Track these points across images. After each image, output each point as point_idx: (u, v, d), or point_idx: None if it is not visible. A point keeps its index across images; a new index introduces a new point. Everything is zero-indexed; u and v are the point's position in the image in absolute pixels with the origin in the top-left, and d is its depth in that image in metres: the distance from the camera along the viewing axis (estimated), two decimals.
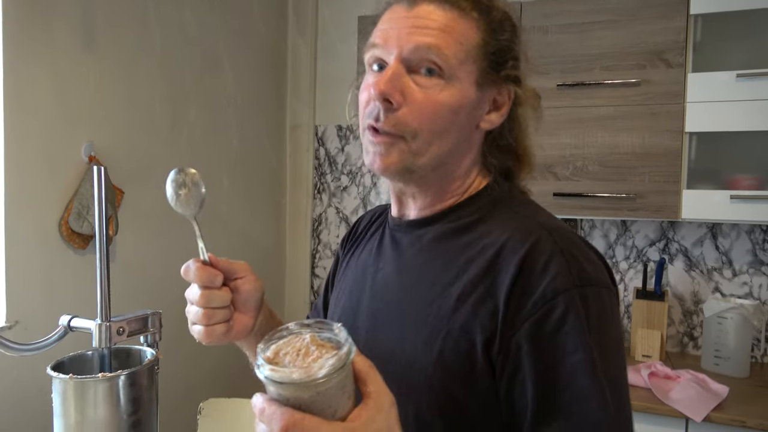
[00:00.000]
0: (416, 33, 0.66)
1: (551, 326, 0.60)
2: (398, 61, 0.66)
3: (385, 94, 0.65)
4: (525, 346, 0.61)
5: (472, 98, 0.68)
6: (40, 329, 1.40)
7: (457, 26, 0.67)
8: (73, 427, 0.76)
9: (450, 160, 0.70)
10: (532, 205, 0.73)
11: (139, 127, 1.82)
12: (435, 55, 0.65)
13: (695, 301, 2.09)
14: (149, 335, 0.89)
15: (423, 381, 0.65)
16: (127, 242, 1.78)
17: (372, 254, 0.80)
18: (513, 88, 0.71)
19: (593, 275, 0.64)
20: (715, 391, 1.68)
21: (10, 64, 1.42)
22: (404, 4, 0.68)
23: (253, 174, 2.38)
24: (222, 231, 2.19)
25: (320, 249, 2.62)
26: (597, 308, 0.62)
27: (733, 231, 2.03)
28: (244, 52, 2.28)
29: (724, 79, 1.74)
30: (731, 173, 1.84)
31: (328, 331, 0.53)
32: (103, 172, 0.81)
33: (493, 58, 0.69)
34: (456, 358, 0.64)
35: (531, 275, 0.62)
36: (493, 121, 0.71)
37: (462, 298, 0.65)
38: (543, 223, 0.66)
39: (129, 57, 1.77)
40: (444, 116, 0.67)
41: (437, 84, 0.66)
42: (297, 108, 2.56)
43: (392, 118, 0.66)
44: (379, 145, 0.68)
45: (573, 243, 0.65)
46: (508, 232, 0.66)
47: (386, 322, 0.72)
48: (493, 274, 0.64)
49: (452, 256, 0.69)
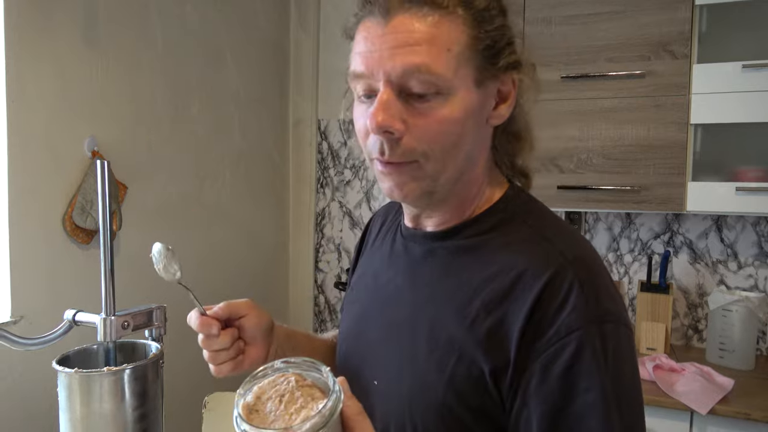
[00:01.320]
0: (400, 53, 0.59)
1: (563, 364, 0.58)
2: (388, 87, 0.60)
3: (384, 126, 0.60)
4: (534, 382, 0.59)
5: (475, 101, 0.63)
6: (45, 324, 1.40)
7: (442, 31, 0.60)
8: (78, 420, 0.77)
9: (467, 169, 0.66)
10: (553, 223, 0.68)
11: (142, 122, 1.82)
12: (426, 74, 0.59)
13: (700, 293, 2.09)
14: (154, 329, 0.89)
15: (433, 403, 0.64)
16: (130, 237, 1.78)
17: (384, 262, 0.77)
18: (516, 74, 0.66)
19: (613, 310, 0.60)
20: (720, 384, 1.68)
21: (13, 60, 1.42)
22: (377, 18, 0.61)
23: (256, 169, 2.37)
24: (225, 226, 2.19)
25: (324, 243, 2.61)
26: (614, 346, 0.59)
27: (738, 223, 2.02)
28: (246, 46, 2.27)
29: (730, 70, 1.73)
30: (737, 165, 1.83)
31: (316, 371, 0.50)
32: (107, 166, 0.81)
33: (488, 52, 0.63)
34: (467, 384, 0.62)
35: (548, 309, 0.59)
36: (503, 114, 0.67)
37: (477, 323, 0.62)
38: (564, 251, 0.62)
39: (131, 52, 1.76)
40: (452, 131, 0.62)
41: (436, 102, 0.61)
42: (299, 102, 2.56)
43: (398, 148, 0.62)
44: (392, 174, 0.64)
45: (594, 273, 0.62)
46: (526, 258, 0.63)
47: (398, 337, 0.70)
48: (509, 302, 0.61)
49: (468, 275, 0.66)
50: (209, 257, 2.10)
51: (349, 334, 0.79)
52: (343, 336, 0.81)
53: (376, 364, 0.71)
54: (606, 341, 0.58)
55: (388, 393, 0.69)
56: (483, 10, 0.62)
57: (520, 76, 0.66)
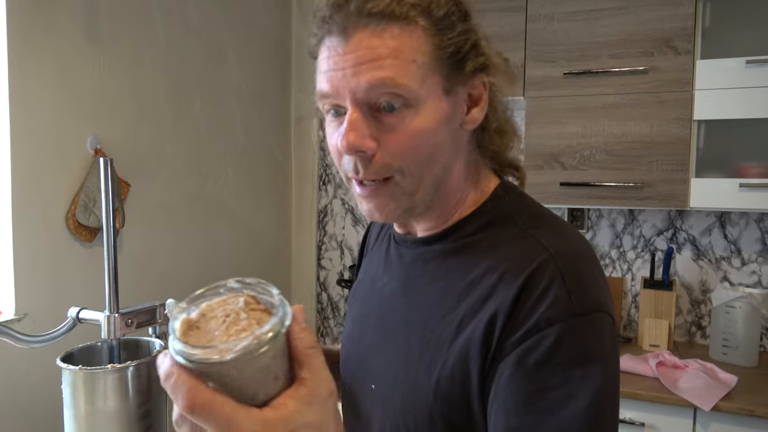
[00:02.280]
0: (363, 70, 0.58)
1: (539, 356, 0.56)
2: (355, 105, 0.59)
3: (355, 147, 0.59)
4: (507, 374, 0.58)
5: (446, 108, 0.62)
6: (49, 322, 1.41)
7: (404, 43, 0.59)
8: (82, 417, 0.77)
9: (445, 177, 0.65)
10: (542, 219, 0.67)
11: (144, 120, 1.82)
12: (392, 88, 0.58)
13: (703, 290, 2.08)
14: (157, 326, 0.89)
15: (423, 408, 0.63)
16: (133, 235, 1.78)
17: (381, 266, 0.77)
18: (484, 77, 0.65)
19: (596, 300, 0.60)
20: (723, 381, 1.67)
21: (16, 58, 1.42)
22: (337, 38, 0.60)
23: (259, 166, 2.37)
24: (227, 223, 2.20)
25: (326, 240, 2.61)
26: (600, 337, 0.58)
27: (742, 219, 2.02)
28: (248, 43, 2.27)
29: (733, 65, 1.72)
30: (740, 161, 1.82)
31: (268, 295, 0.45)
32: (110, 164, 0.81)
33: (453, 59, 0.62)
34: (452, 387, 0.62)
35: (527, 303, 0.58)
36: (476, 117, 0.66)
37: (462, 325, 0.62)
38: (548, 245, 0.61)
39: (133, 50, 1.76)
40: (425, 143, 0.61)
41: (405, 115, 0.60)
42: (302, 99, 2.55)
43: (372, 166, 0.61)
44: (370, 197, 0.63)
45: (579, 265, 0.61)
46: (510, 256, 0.62)
47: (392, 342, 0.70)
48: (492, 301, 0.61)
49: (455, 279, 0.65)
50: (211, 254, 2.10)
51: (349, 338, 0.79)
52: (344, 340, 0.82)
53: (373, 368, 0.72)
54: (594, 332, 0.58)
55: (384, 397, 0.69)
56: (443, 18, 0.61)
57: (489, 79, 0.65)
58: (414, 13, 0.59)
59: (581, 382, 0.56)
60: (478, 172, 0.70)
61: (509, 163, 0.73)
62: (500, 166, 0.73)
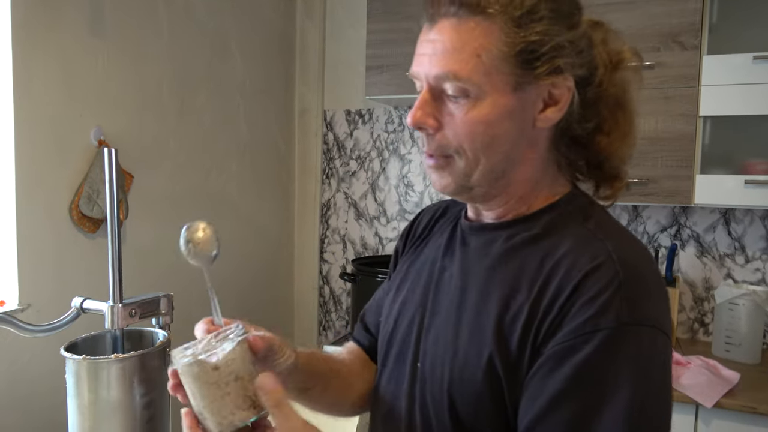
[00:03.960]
0: (434, 59, 0.64)
1: (578, 360, 0.57)
2: (427, 88, 0.66)
3: (417, 123, 0.66)
4: (544, 367, 0.59)
5: (512, 104, 0.64)
6: (52, 312, 1.41)
7: (474, 38, 0.62)
8: (86, 407, 0.77)
9: (508, 167, 0.68)
10: (610, 225, 0.68)
11: (148, 112, 1.82)
12: (453, 81, 0.63)
13: (706, 287, 2.08)
14: (161, 317, 0.90)
15: (470, 390, 0.65)
16: (137, 226, 1.79)
17: (440, 250, 0.78)
18: (569, 78, 0.65)
19: (650, 315, 0.59)
20: (725, 378, 1.67)
21: (20, 51, 1.42)
22: (427, 23, 0.66)
23: (262, 159, 2.37)
24: (230, 216, 2.20)
25: (329, 234, 2.62)
26: (647, 352, 0.58)
27: (746, 216, 2.01)
28: (252, 36, 2.26)
29: (740, 61, 1.71)
30: (746, 158, 1.81)
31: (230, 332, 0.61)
32: (114, 154, 0.81)
33: (524, 57, 0.63)
34: (504, 372, 0.63)
35: (578, 300, 0.59)
36: (551, 117, 0.66)
37: (519, 316, 0.63)
38: (613, 250, 0.62)
39: (137, 42, 1.76)
40: (481, 131, 0.64)
41: (465, 104, 0.64)
42: (305, 93, 2.55)
43: (433, 142, 0.67)
44: (432, 169, 0.69)
45: (639, 276, 0.61)
46: (573, 253, 0.63)
47: (443, 322, 0.71)
48: (547, 295, 0.62)
49: (517, 269, 0.67)
50: None
51: (397, 318, 0.79)
52: (390, 318, 0.80)
53: (424, 347, 0.73)
54: (639, 347, 0.57)
55: (432, 376, 0.70)
56: (522, 16, 0.62)
57: (568, 83, 0.65)
58: (493, 10, 0.62)
59: (625, 395, 0.56)
60: (556, 174, 0.72)
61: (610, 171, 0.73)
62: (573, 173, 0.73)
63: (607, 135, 0.70)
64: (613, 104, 0.70)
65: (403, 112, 2.42)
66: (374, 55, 2.07)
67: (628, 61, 0.70)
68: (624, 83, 0.70)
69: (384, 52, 2.05)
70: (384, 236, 2.51)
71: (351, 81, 2.47)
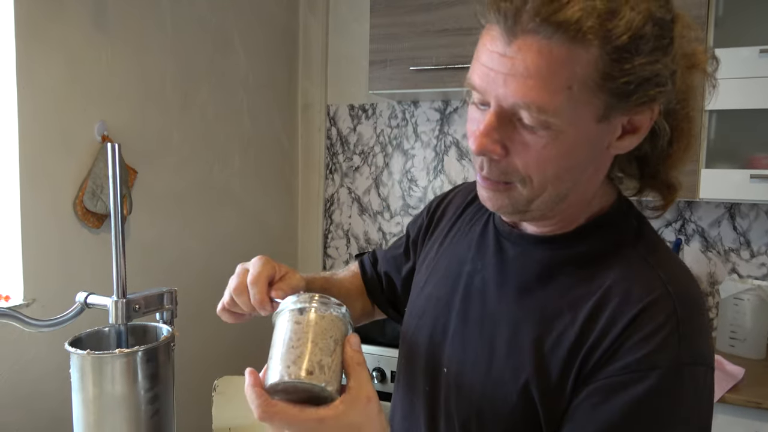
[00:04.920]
0: (513, 83, 0.54)
1: (630, 397, 0.55)
2: (496, 110, 0.57)
3: (483, 151, 0.58)
4: (593, 400, 0.57)
5: (593, 134, 0.58)
6: (57, 307, 1.41)
7: (567, 66, 0.53)
8: (91, 401, 0.77)
9: (571, 192, 0.62)
10: (658, 247, 0.65)
11: (151, 107, 1.82)
12: (535, 113, 0.54)
13: (711, 282, 2.07)
14: (165, 312, 0.90)
15: (504, 406, 0.63)
16: (141, 222, 1.79)
17: (471, 250, 0.75)
18: (656, 108, 0.58)
19: (705, 352, 0.58)
20: (730, 373, 1.67)
21: (23, 44, 1.42)
22: (503, 35, 0.55)
23: (265, 154, 2.37)
24: (234, 211, 2.20)
25: (332, 229, 2.62)
26: (697, 392, 0.57)
27: (752, 211, 2.00)
28: (255, 30, 2.26)
29: (747, 55, 1.69)
30: (751, 152, 1.80)
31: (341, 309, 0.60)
32: (117, 149, 0.81)
33: (623, 89, 0.55)
34: (541, 397, 0.61)
35: (635, 335, 0.56)
36: (627, 146, 0.60)
37: (563, 338, 0.61)
38: (667, 281, 0.59)
39: (141, 37, 1.76)
40: (555, 164, 0.58)
41: (544, 137, 0.56)
42: (308, 87, 2.54)
43: (496, 168, 0.60)
44: (487, 189, 0.63)
45: (694, 312, 0.59)
46: (625, 280, 0.60)
47: (478, 331, 0.68)
48: (602, 321, 0.59)
49: (562, 289, 0.63)
50: (218, 242, 2.10)
51: (423, 314, 0.77)
52: (414, 313, 0.79)
53: (450, 352, 0.71)
54: (695, 386, 0.56)
55: (459, 383, 0.68)
56: (624, 46, 0.53)
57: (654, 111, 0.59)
58: (591, 36, 0.52)
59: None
60: (605, 184, 0.67)
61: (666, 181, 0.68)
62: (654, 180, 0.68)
63: (671, 145, 0.64)
64: (681, 114, 0.63)
65: (406, 107, 2.41)
66: (377, 50, 2.06)
67: (701, 66, 0.62)
68: (691, 88, 0.62)
69: (387, 46, 2.04)
70: (387, 231, 2.50)
71: (354, 76, 2.46)
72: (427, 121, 2.39)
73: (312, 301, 0.58)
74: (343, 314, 0.59)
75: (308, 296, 0.59)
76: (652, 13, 0.53)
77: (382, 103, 2.45)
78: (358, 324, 0.89)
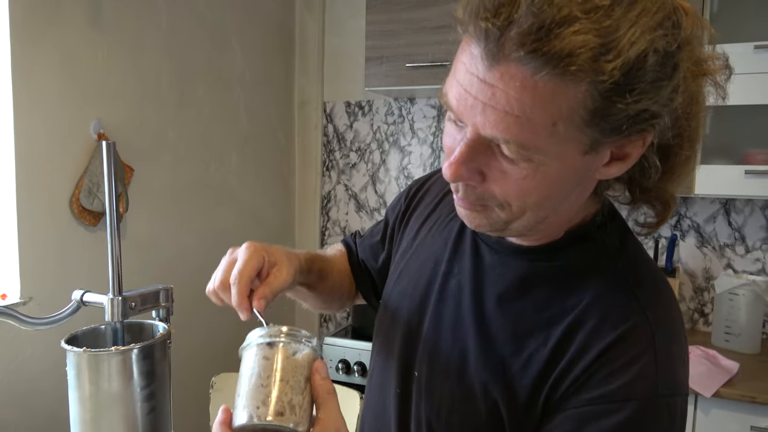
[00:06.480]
0: (493, 115, 0.49)
1: (605, 427, 0.54)
2: (473, 139, 0.52)
3: (458, 180, 0.55)
4: (565, 426, 0.56)
5: (579, 166, 0.53)
6: (54, 305, 1.41)
7: (549, 103, 0.47)
8: (87, 399, 0.78)
9: (551, 214, 0.59)
10: (640, 265, 0.62)
11: (148, 105, 1.81)
12: (514, 147, 0.50)
13: (706, 277, 2.08)
14: (161, 310, 0.90)
15: (473, 420, 0.63)
16: (137, 220, 1.79)
17: (447, 249, 0.72)
18: (648, 138, 0.53)
19: (681, 381, 0.57)
20: (725, 367, 1.68)
21: (19, 42, 1.42)
22: (483, 58, 0.49)
23: (262, 151, 2.37)
24: (231, 208, 2.20)
25: (329, 226, 2.62)
26: (674, 424, 0.56)
27: (746, 207, 2.01)
28: (251, 28, 2.25)
29: (741, 50, 1.70)
30: (746, 148, 1.81)
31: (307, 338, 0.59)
32: (113, 147, 0.81)
33: (613, 125, 0.50)
34: (509, 417, 0.60)
35: (610, 364, 0.55)
36: (613, 173, 0.56)
37: (535, 357, 0.59)
38: (646, 307, 0.57)
39: (136, 34, 1.75)
40: (535, 193, 0.54)
41: (525, 169, 0.52)
42: (305, 85, 2.54)
43: (472, 194, 0.56)
44: (464, 209, 0.60)
45: (674, 340, 0.58)
46: (603, 301, 0.58)
47: (449, 338, 0.67)
48: (576, 344, 0.57)
49: (537, 303, 0.62)
50: (214, 239, 2.10)
51: (396, 312, 0.76)
52: (388, 309, 0.78)
53: (422, 355, 0.70)
54: (672, 418, 0.56)
55: (430, 389, 0.68)
56: (619, 82, 0.46)
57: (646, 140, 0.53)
58: (582, 73, 0.46)
59: None
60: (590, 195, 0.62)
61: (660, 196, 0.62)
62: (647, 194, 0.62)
63: (668, 159, 0.58)
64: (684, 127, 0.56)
65: (402, 104, 2.41)
66: (374, 47, 2.06)
67: (711, 74, 0.56)
68: (697, 95, 0.56)
69: (383, 43, 2.04)
70: None
71: (351, 72, 2.46)
72: (423, 117, 2.39)
73: (281, 335, 0.57)
74: (313, 348, 0.58)
75: (277, 329, 0.57)
76: (655, 43, 0.46)
77: (378, 100, 2.45)
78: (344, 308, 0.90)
